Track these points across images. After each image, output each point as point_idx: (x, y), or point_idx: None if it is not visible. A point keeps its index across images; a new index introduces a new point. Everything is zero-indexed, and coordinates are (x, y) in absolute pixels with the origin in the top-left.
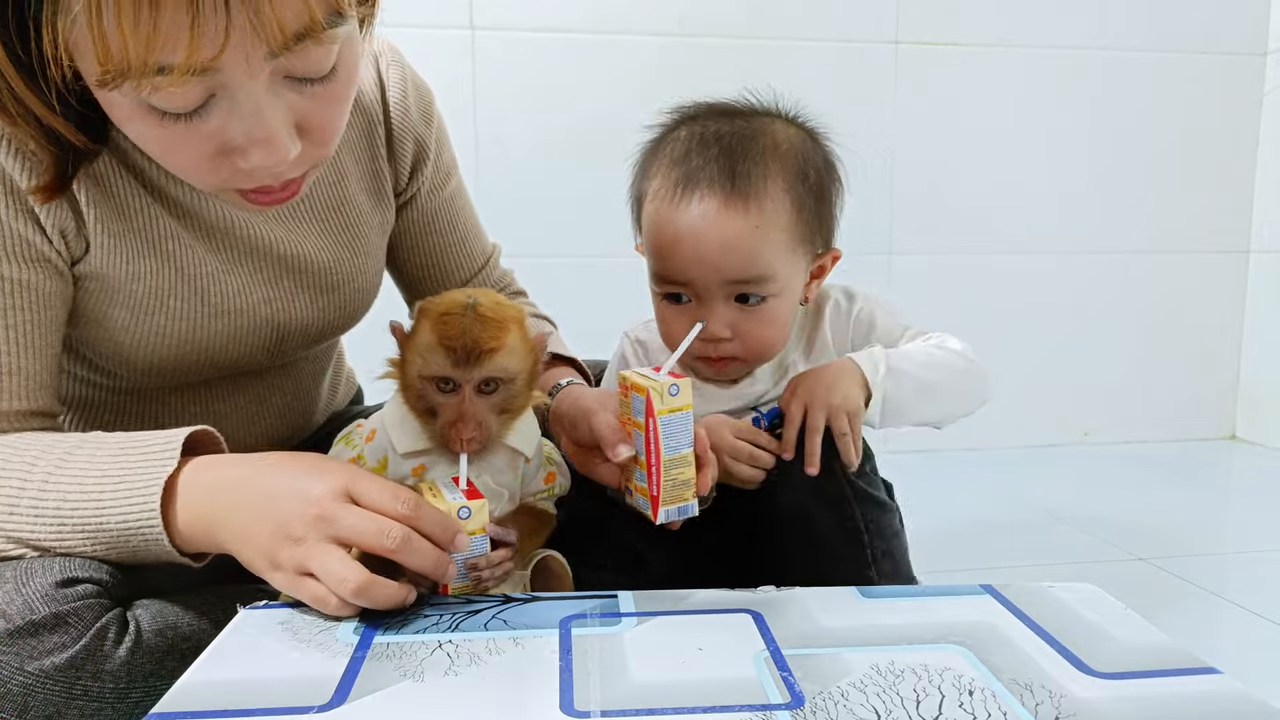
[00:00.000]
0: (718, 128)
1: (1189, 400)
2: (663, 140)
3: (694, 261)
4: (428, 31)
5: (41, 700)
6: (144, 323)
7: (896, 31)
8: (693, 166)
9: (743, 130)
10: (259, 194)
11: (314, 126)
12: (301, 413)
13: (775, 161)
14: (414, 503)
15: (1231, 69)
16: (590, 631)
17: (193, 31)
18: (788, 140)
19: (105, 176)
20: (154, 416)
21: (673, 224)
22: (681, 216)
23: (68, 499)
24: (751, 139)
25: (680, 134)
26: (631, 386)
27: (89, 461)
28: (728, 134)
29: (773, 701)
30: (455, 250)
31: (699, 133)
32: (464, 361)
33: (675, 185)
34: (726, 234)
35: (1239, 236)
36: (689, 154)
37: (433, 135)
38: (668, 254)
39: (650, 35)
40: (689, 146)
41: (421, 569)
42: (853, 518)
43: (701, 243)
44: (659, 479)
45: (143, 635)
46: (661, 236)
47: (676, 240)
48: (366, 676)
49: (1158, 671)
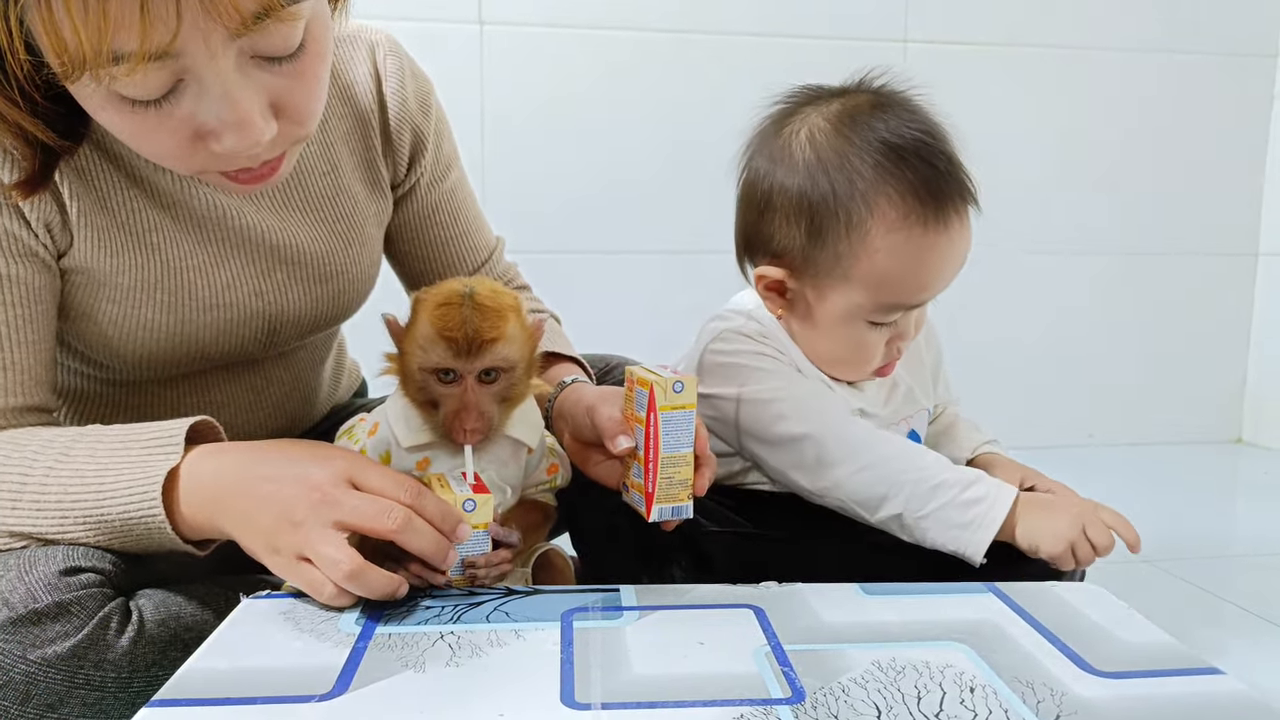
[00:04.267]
0: (909, 131)
1: (1195, 403)
2: (845, 155)
3: (948, 279)
4: (437, 26)
5: (43, 689)
6: (131, 316)
7: (905, 30)
8: (930, 182)
9: (924, 122)
10: (241, 175)
11: (288, 105)
12: (300, 403)
13: (952, 140)
14: (416, 490)
15: (1242, 70)
16: (592, 625)
17: (143, 17)
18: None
19: (87, 169)
20: (148, 408)
21: (936, 249)
22: (943, 239)
23: (69, 492)
24: (935, 124)
25: (869, 142)
26: (637, 381)
27: (89, 454)
28: (921, 132)
29: (774, 696)
30: (457, 243)
31: (897, 138)
32: (465, 352)
33: (924, 206)
34: (970, 237)
35: (1247, 239)
36: (910, 166)
37: (431, 126)
38: (928, 281)
39: (659, 31)
40: (900, 157)
41: (422, 552)
42: None
43: (958, 258)
44: (655, 475)
45: (145, 625)
46: (923, 265)
47: (941, 264)
48: (368, 666)
49: (1159, 671)
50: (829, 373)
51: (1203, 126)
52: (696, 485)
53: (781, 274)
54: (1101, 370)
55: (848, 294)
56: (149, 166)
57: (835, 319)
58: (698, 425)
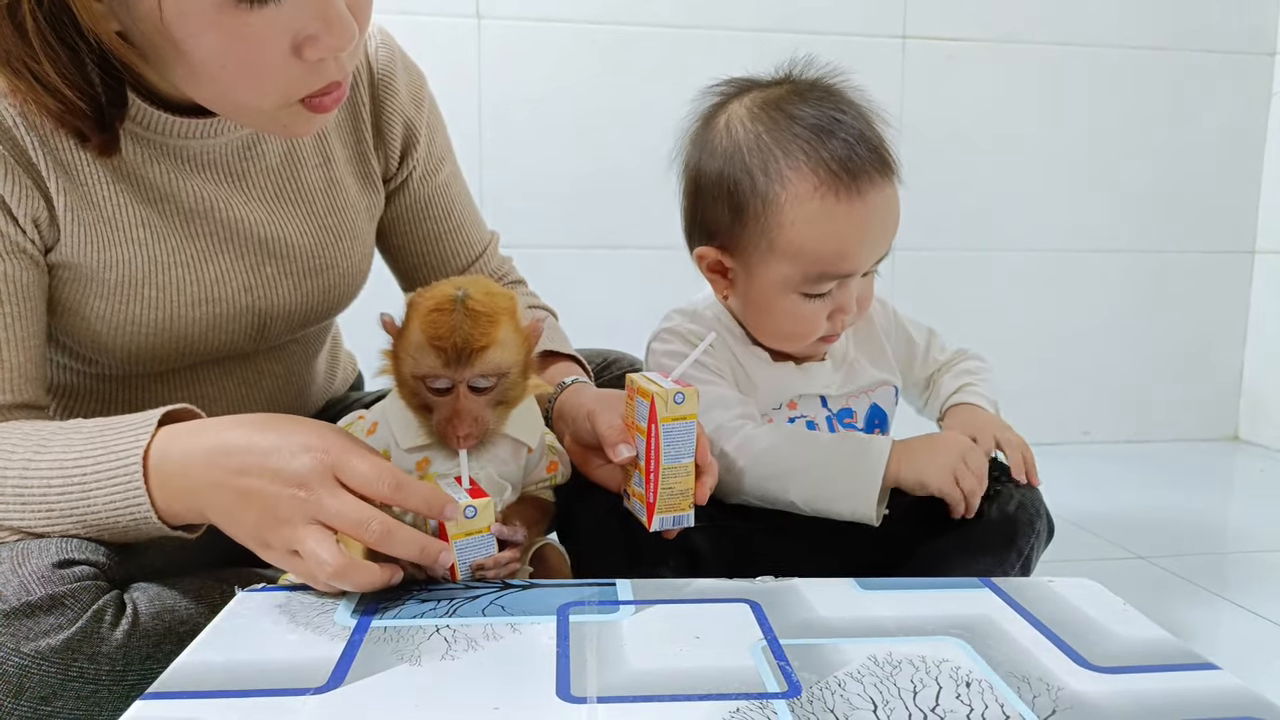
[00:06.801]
0: (819, 110)
1: (1191, 400)
2: (759, 137)
3: (871, 249)
4: (434, 20)
5: (37, 681)
6: (119, 311)
7: (904, 26)
8: (840, 154)
9: (840, 103)
10: (322, 96)
11: (356, 9)
12: (294, 396)
13: (874, 119)
14: (396, 482)
15: (1239, 68)
16: (588, 619)
17: None
18: (859, 95)
19: (73, 164)
20: (139, 402)
21: (852, 218)
22: (858, 208)
23: (52, 485)
24: (852, 104)
25: (781, 123)
26: (638, 391)
27: (66, 446)
28: (834, 111)
29: (770, 690)
30: (451, 238)
31: (810, 118)
32: (455, 361)
33: (835, 177)
34: (895, 210)
35: (1244, 236)
36: (820, 142)
37: (423, 119)
38: (848, 249)
39: (656, 26)
40: (811, 134)
41: (407, 558)
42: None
43: (878, 228)
44: (656, 486)
45: (140, 618)
46: (839, 234)
47: (860, 233)
48: (364, 659)
49: (1155, 666)
50: (778, 348)
51: (1200, 124)
52: (697, 494)
53: (716, 253)
54: (1097, 367)
55: (776, 267)
56: (141, 157)
57: (770, 292)
58: (699, 434)
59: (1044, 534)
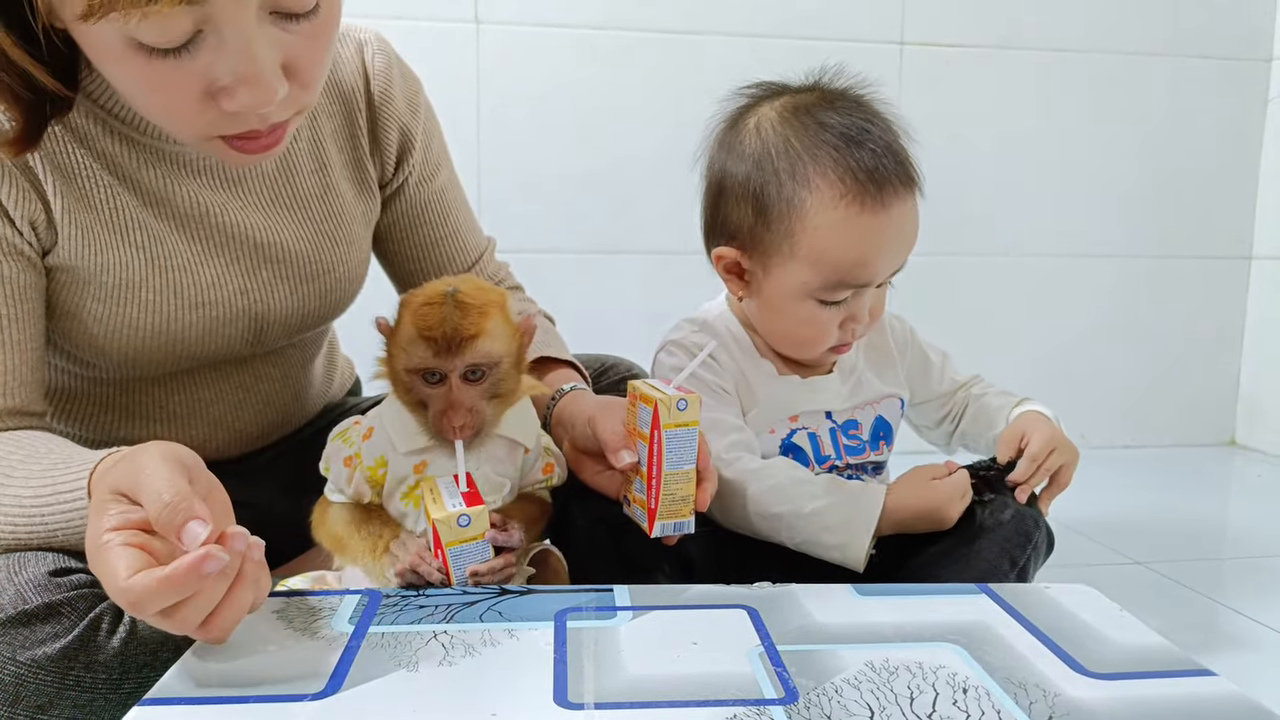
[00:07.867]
0: (849, 119)
1: (1189, 405)
2: (788, 141)
3: (890, 260)
4: (433, 25)
5: (33, 690)
6: (116, 314)
7: (901, 32)
8: (868, 164)
9: (868, 113)
10: (245, 141)
11: (300, 67)
12: (291, 400)
13: (899, 132)
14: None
15: (1236, 74)
16: (585, 624)
17: None
18: (886, 108)
19: (70, 165)
20: (136, 406)
21: (874, 228)
22: (881, 219)
23: (16, 521)
24: (880, 115)
25: (811, 129)
26: (641, 397)
27: (25, 479)
28: (862, 120)
29: (767, 696)
30: (447, 243)
31: (840, 126)
32: (445, 351)
33: (861, 186)
34: (915, 224)
35: (1241, 242)
36: (849, 150)
37: (419, 124)
38: (868, 258)
39: (654, 32)
40: (841, 141)
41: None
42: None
43: (898, 240)
44: (658, 492)
45: (137, 626)
46: (860, 243)
47: (881, 243)
48: (361, 665)
49: (1152, 673)
50: (788, 354)
51: (1197, 130)
52: (698, 500)
53: (736, 254)
54: (1094, 372)
55: (795, 271)
56: (136, 161)
57: (786, 296)
58: (700, 441)
59: (1042, 547)
